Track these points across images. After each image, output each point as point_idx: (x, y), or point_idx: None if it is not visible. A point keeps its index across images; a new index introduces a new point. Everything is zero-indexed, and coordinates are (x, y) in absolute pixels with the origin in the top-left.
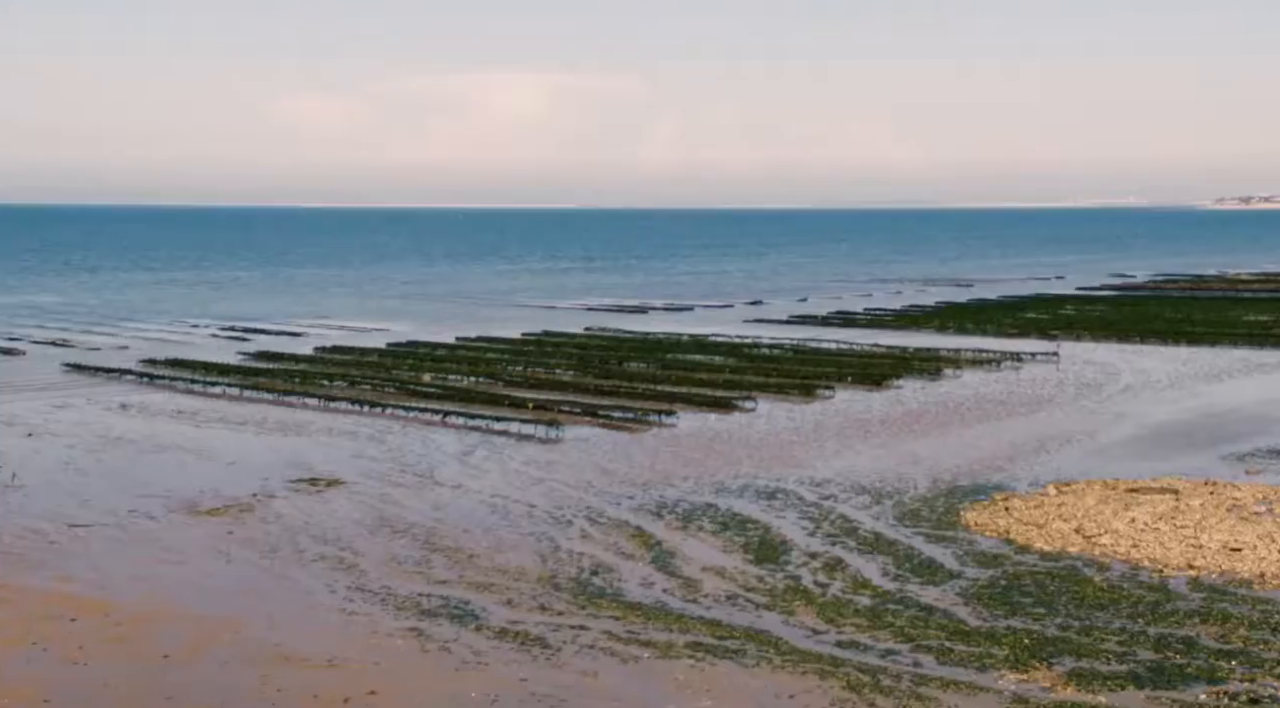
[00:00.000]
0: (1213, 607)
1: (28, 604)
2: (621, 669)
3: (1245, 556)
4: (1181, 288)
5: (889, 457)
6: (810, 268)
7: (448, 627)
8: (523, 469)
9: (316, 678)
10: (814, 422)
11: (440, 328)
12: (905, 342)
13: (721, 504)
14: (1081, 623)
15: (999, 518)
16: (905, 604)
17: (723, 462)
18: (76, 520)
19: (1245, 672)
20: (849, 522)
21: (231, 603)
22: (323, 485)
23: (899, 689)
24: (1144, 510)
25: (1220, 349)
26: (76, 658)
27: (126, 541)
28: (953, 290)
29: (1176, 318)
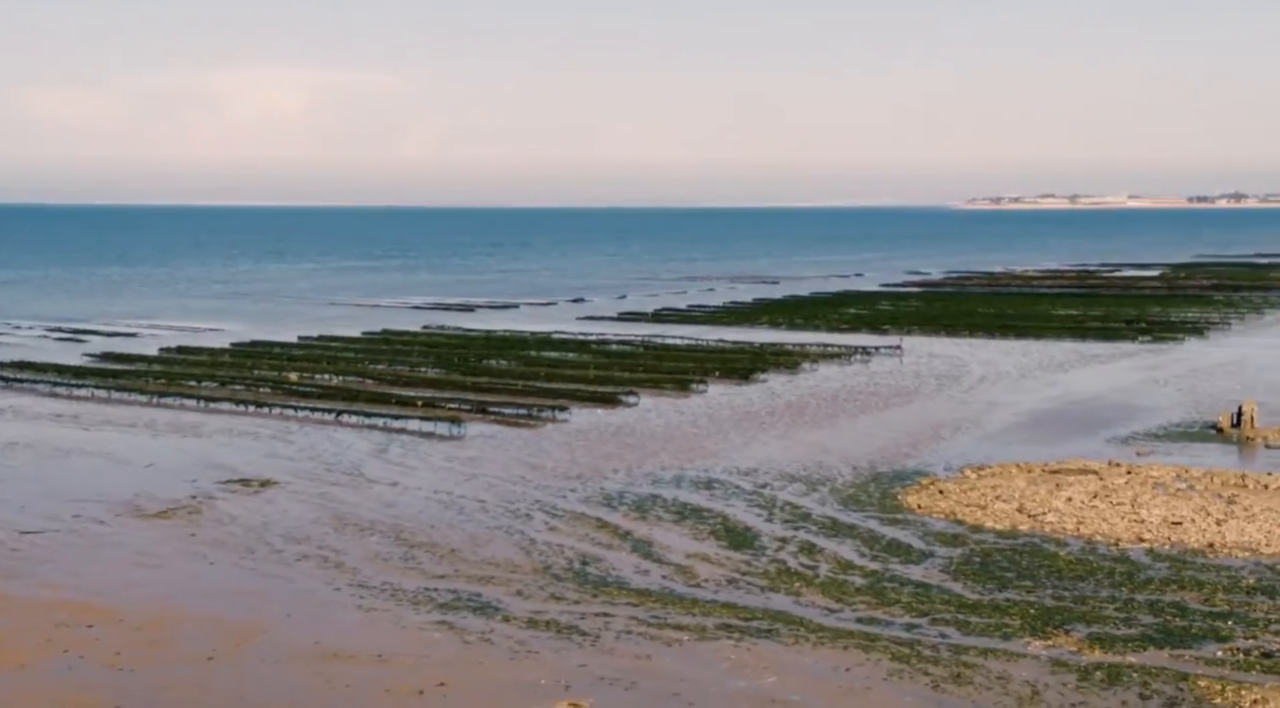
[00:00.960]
0: (1182, 575)
1: (31, 613)
2: (671, 652)
3: (1187, 528)
4: (981, 284)
5: (796, 447)
6: (612, 266)
7: (474, 619)
8: (448, 466)
9: (375, 673)
10: (704, 414)
11: (277, 327)
12: (746, 337)
13: (665, 495)
14: (1072, 593)
15: (939, 501)
16: (899, 582)
17: (640, 454)
18: (22, 527)
19: (1244, 630)
20: (798, 508)
21: (238, 604)
22: (256, 486)
23: (943, 659)
24: (1076, 490)
25: (1047, 342)
26: (118, 663)
27: (88, 546)
28: (764, 288)
29: (991, 313)
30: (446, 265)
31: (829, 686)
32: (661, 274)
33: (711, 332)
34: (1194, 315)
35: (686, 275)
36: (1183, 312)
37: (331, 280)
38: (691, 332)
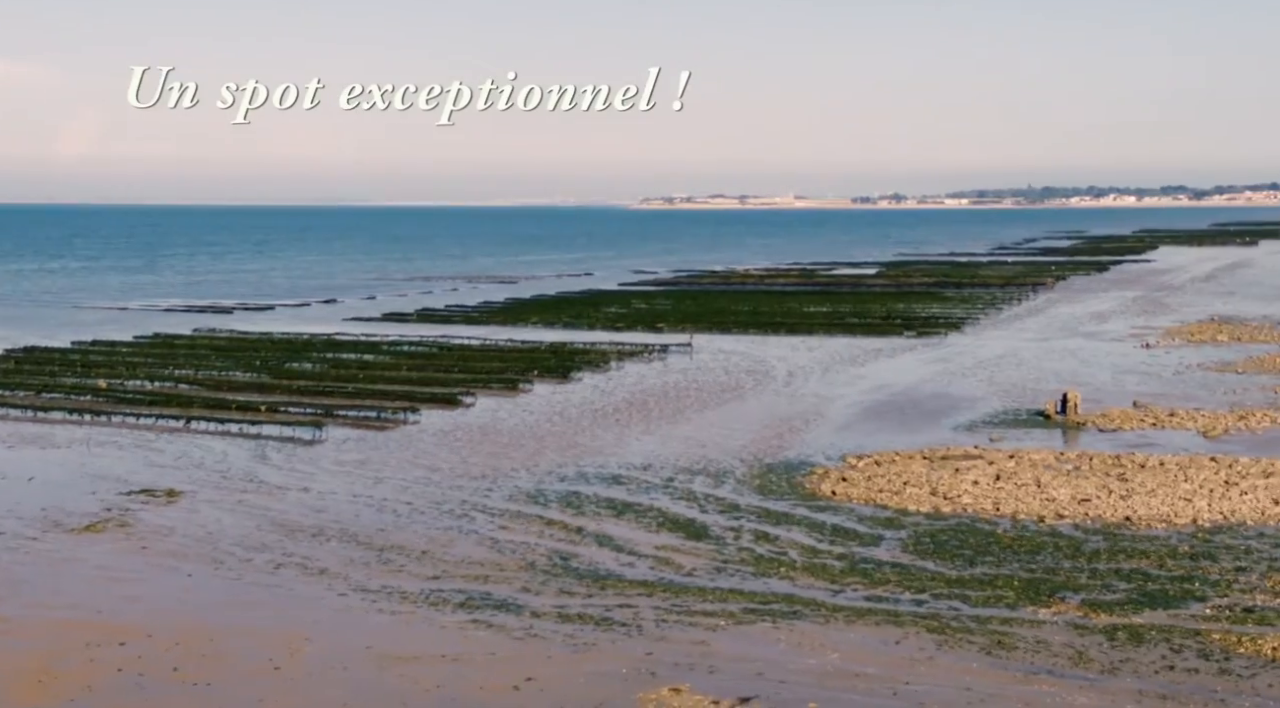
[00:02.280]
0: (1120, 546)
1: (47, 634)
2: (722, 637)
3: (1097, 504)
4: (715, 282)
5: (671, 441)
6: (336, 266)
7: (504, 616)
8: (342, 470)
9: (455, 672)
10: (553, 413)
11: (37, 332)
12: (525, 336)
13: (584, 491)
14: (1037, 566)
15: (851, 488)
16: (873, 563)
17: (525, 453)
18: None
19: (1213, 591)
20: (722, 499)
21: (254, 614)
22: (164, 497)
23: (973, 628)
24: (976, 473)
25: (822, 338)
26: (187, 678)
27: (43, 563)
28: (505, 288)
29: (747, 310)
30: (160, 266)
31: (891, 658)
32: (391, 274)
33: (489, 331)
34: (940, 311)
35: (419, 275)
36: (927, 308)
37: (64, 282)
38: (470, 331)
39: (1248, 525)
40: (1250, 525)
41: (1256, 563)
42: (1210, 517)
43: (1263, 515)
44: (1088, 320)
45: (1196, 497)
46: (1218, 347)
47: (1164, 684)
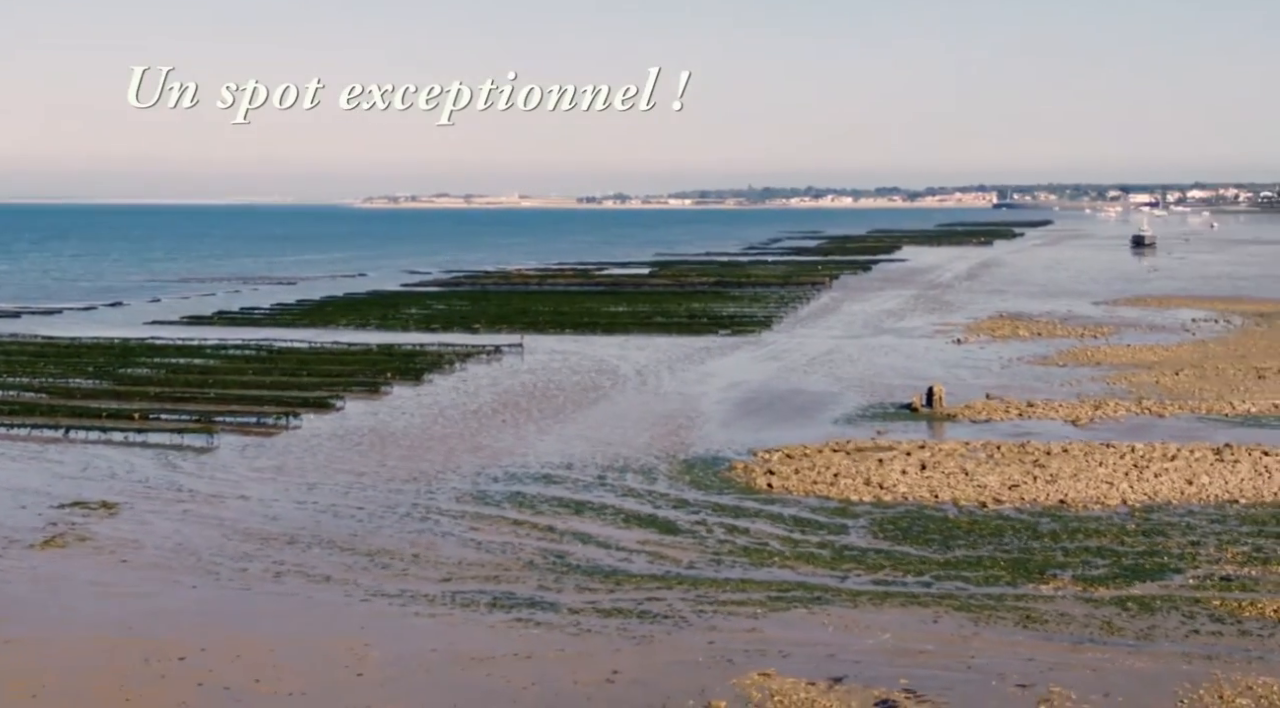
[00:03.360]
0: (1071, 527)
1: (89, 652)
2: (770, 623)
3: (1027, 490)
4: (497, 282)
5: (572, 440)
6: (94, 268)
7: (547, 615)
8: (267, 477)
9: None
10: (436, 414)
11: None
12: (337, 338)
13: (526, 491)
14: (1012, 546)
15: (785, 481)
16: (858, 550)
17: (440, 455)
18: None
19: (1183, 564)
20: (665, 495)
21: (293, 624)
22: (102, 509)
23: (995, 606)
24: (900, 464)
25: (645, 337)
26: (278, 690)
27: (25, 579)
28: (286, 289)
29: (549, 310)
30: None
31: (940, 636)
32: (161, 275)
33: (305, 334)
34: (740, 310)
35: (191, 277)
36: (724, 307)
37: None
38: (285, 334)
39: (1173, 504)
40: (1175, 504)
41: (1205, 537)
42: (1136, 497)
43: (1183, 495)
44: (885, 318)
45: (1116, 480)
46: (1023, 342)
47: (1200, 647)
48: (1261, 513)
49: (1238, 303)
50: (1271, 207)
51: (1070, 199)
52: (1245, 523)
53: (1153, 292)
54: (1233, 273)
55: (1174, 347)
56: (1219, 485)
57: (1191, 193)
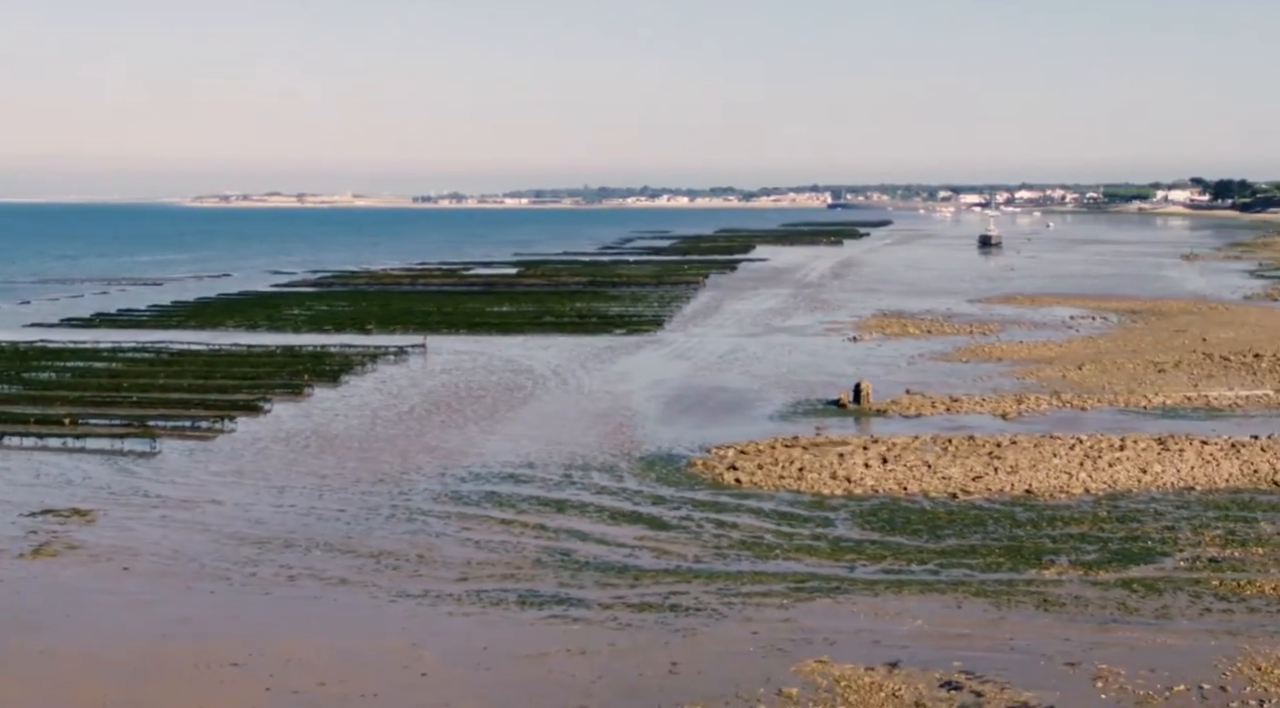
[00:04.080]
0: (1045, 515)
1: (138, 662)
2: (800, 613)
3: (991, 480)
4: (369, 283)
5: (520, 439)
6: None
7: (581, 610)
8: (231, 480)
9: (599, 663)
10: (366, 415)
11: None
12: (228, 339)
13: (500, 490)
14: (1000, 535)
15: (752, 476)
16: (853, 541)
17: (395, 456)
18: None
19: (1167, 546)
20: (640, 492)
21: (331, 627)
22: (77, 517)
23: (1005, 590)
24: (861, 457)
25: (543, 336)
26: (352, 691)
27: (31, 589)
28: (155, 290)
29: (433, 310)
30: None
31: (970, 620)
32: (15, 278)
33: (196, 336)
34: (627, 310)
35: (51, 278)
36: (608, 306)
37: None
38: (176, 336)
39: (1134, 492)
40: (1136, 492)
41: (1178, 522)
42: (1097, 487)
43: (1140, 483)
44: (772, 317)
45: (1074, 470)
46: (916, 339)
47: (1217, 624)
48: (1220, 499)
49: (1106, 300)
50: (1097, 207)
51: (903, 199)
52: (1209, 508)
53: (1019, 290)
54: (1087, 272)
55: (1065, 343)
56: (1172, 474)
57: (1020, 193)
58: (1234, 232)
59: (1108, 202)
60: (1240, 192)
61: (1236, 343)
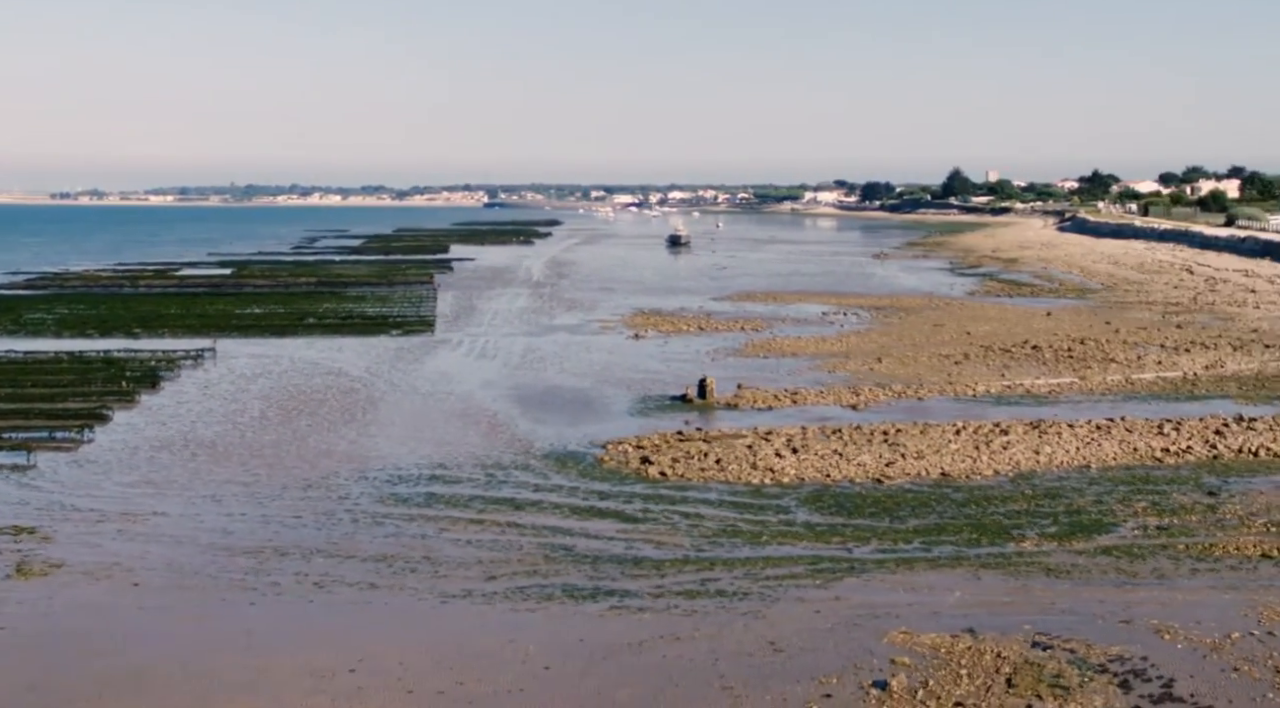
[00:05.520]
0: (977, 496)
1: (248, 680)
2: (842, 589)
3: (904, 465)
4: (83, 284)
5: (410, 440)
6: None
7: (638, 600)
8: (148, 492)
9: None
10: (219, 420)
11: None
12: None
13: (438, 491)
14: (951, 514)
15: (673, 469)
16: (825, 526)
17: (297, 461)
18: None
19: (1113, 520)
20: (574, 487)
21: (405, 632)
22: (26, 534)
23: (1003, 563)
24: (770, 448)
25: (325, 339)
26: (500, 689)
27: (62, 612)
28: None
29: (184, 313)
30: None
31: (998, 589)
32: None
33: None
34: (385, 311)
35: None
36: (361, 307)
37: None
38: None
39: (1039, 472)
40: (1041, 472)
41: (1102, 496)
42: (1004, 469)
43: (1039, 464)
44: (537, 316)
45: (973, 454)
46: (695, 336)
47: (1214, 582)
48: (1119, 475)
49: (844, 297)
50: (750, 207)
51: (557, 198)
52: (1117, 484)
53: (751, 288)
54: (796, 270)
55: (839, 338)
56: (1063, 454)
57: (672, 194)
58: (893, 231)
59: (760, 202)
60: (886, 193)
61: (999, 336)
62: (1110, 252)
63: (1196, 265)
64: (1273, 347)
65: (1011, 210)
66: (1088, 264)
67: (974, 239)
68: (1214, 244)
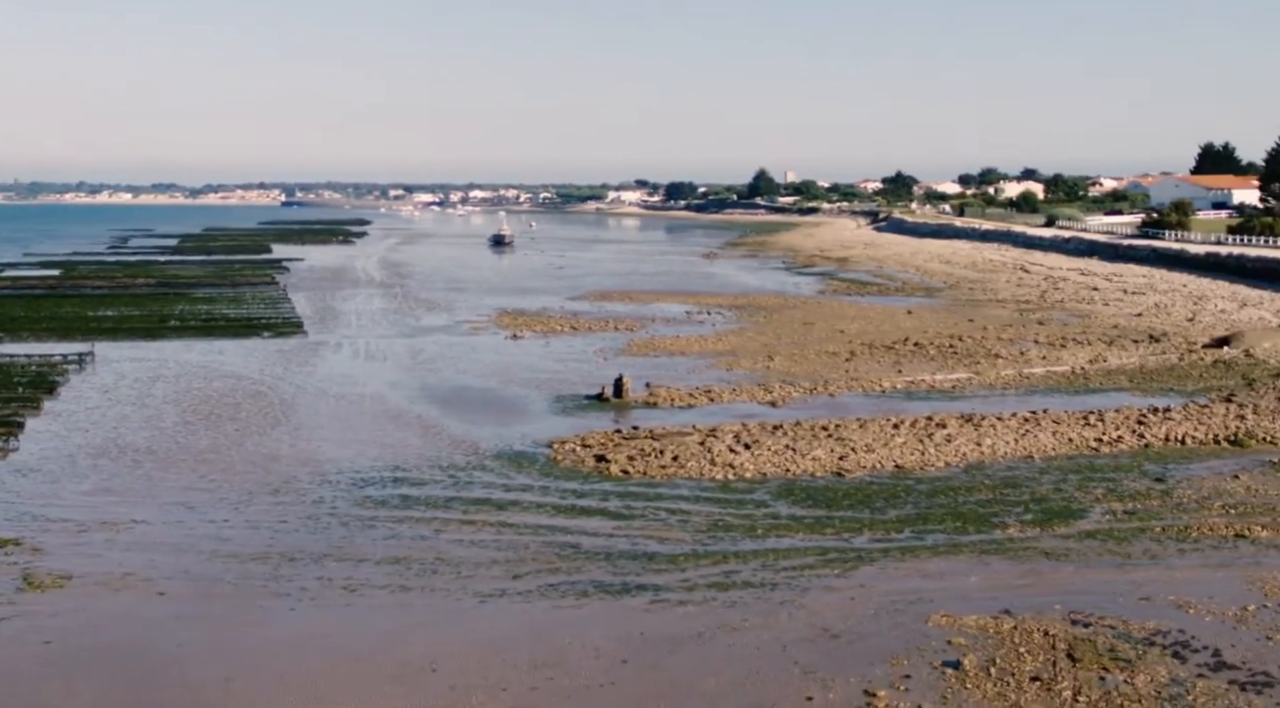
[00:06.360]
0: (939, 486)
1: (340, 683)
2: (863, 577)
3: (857, 459)
4: None
5: (353, 443)
6: None
7: (672, 594)
8: (110, 501)
9: (759, 637)
10: (146, 423)
11: None
12: None
13: (411, 494)
14: (927, 505)
15: (631, 466)
16: (812, 517)
17: (249, 466)
18: None
19: (1078, 505)
20: (544, 486)
21: (464, 632)
22: (12, 545)
23: (1001, 549)
24: (722, 444)
25: (199, 341)
26: (592, 683)
27: (109, 625)
28: None
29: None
30: None
31: (1010, 573)
32: None
33: None
34: (250, 313)
35: None
36: (219, 308)
37: None
38: None
39: (988, 464)
40: (990, 463)
41: (1059, 485)
42: (954, 460)
43: (985, 456)
44: (400, 317)
45: (918, 447)
46: (571, 336)
47: (1204, 560)
48: (1065, 464)
49: (700, 297)
50: (554, 207)
51: (356, 197)
52: (1067, 473)
53: (601, 288)
54: (634, 270)
55: (719, 336)
56: (1004, 446)
57: (473, 193)
58: (707, 231)
59: (563, 202)
60: (690, 193)
61: (873, 334)
62: (938, 251)
63: (1030, 265)
64: (1141, 342)
65: (819, 211)
66: (920, 263)
67: (793, 239)
68: (1039, 244)
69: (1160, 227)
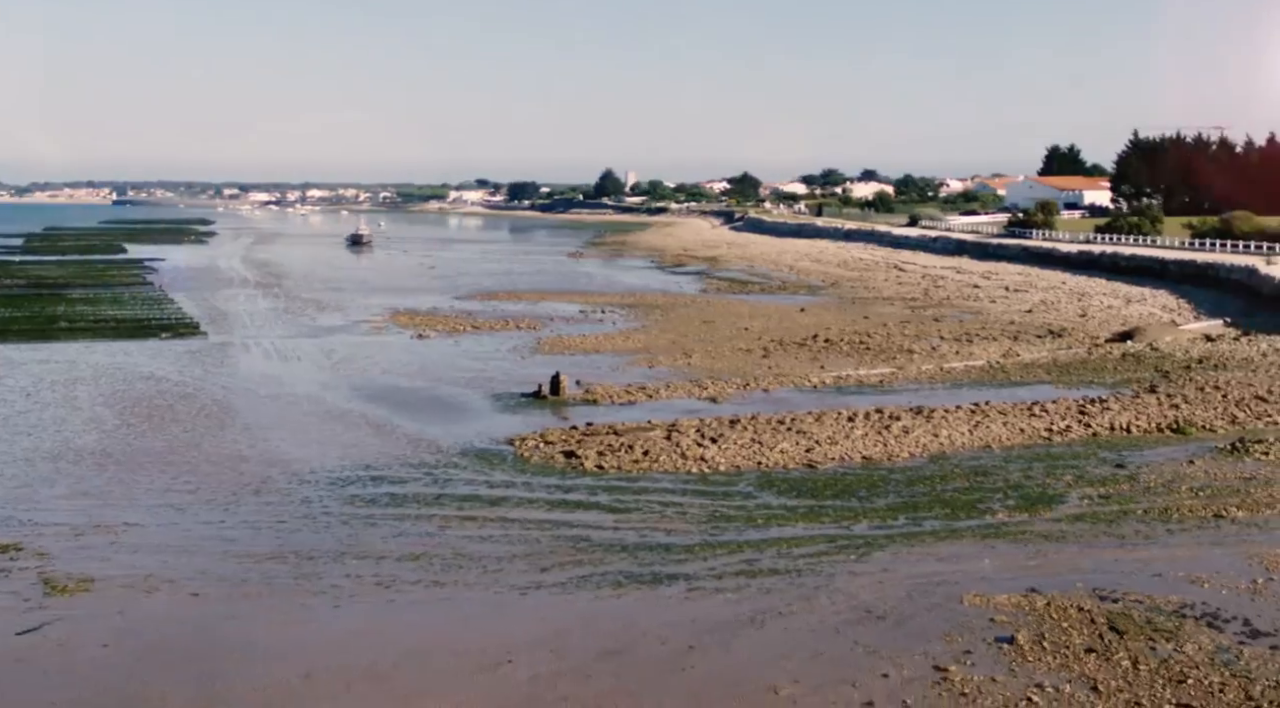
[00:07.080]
0: (910, 476)
1: (423, 676)
2: (883, 562)
3: (823, 451)
4: None
5: (312, 444)
6: None
7: (703, 583)
8: (94, 504)
9: (808, 623)
10: (94, 426)
11: None
12: None
13: (396, 492)
14: (910, 493)
15: (604, 460)
16: (803, 507)
17: (217, 467)
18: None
19: (1053, 492)
20: (525, 482)
21: (522, 622)
22: (18, 551)
23: (1000, 533)
24: (688, 439)
25: (100, 343)
26: (672, 666)
27: (158, 628)
28: None
29: None
30: None
31: (1019, 555)
32: None
33: None
34: (141, 313)
35: None
36: (106, 310)
37: None
38: None
39: (951, 453)
40: (953, 453)
41: (1029, 474)
42: (917, 451)
43: (945, 446)
44: (293, 318)
45: (880, 439)
46: (476, 335)
47: (1196, 540)
48: (1025, 453)
49: (589, 296)
50: (395, 206)
51: (190, 196)
52: (1031, 461)
53: (483, 288)
54: (507, 269)
55: (624, 334)
56: (961, 437)
57: (310, 192)
58: (556, 231)
59: (404, 201)
60: (534, 193)
61: (777, 331)
62: (805, 250)
63: (902, 264)
64: (1044, 337)
65: (668, 210)
66: (791, 262)
67: (652, 238)
68: (906, 243)
69: (1027, 226)
